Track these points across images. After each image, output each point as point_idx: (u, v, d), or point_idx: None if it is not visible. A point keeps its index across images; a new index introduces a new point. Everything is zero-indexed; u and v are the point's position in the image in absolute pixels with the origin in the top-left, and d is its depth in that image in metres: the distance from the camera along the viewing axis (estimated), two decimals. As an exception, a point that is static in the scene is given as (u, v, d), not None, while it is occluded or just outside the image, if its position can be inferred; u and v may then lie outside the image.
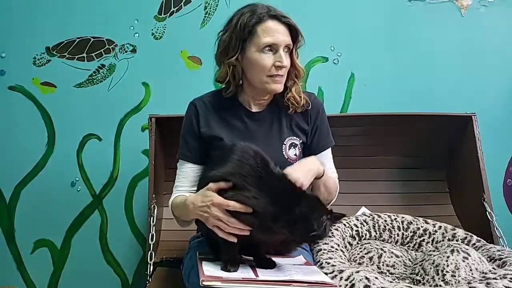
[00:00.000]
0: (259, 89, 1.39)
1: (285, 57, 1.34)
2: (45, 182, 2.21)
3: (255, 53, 1.34)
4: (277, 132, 1.44)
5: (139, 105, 2.22)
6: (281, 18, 1.34)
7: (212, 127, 1.41)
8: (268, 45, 1.33)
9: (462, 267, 1.30)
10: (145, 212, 1.99)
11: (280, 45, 1.33)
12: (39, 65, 2.20)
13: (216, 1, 2.22)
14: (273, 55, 1.33)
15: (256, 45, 1.33)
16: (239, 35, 1.34)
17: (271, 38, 1.32)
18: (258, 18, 1.33)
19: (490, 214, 1.79)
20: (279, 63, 1.33)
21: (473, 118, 1.93)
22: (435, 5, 2.26)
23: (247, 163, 1.17)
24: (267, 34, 1.32)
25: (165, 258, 1.81)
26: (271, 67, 1.33)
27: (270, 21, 1.33)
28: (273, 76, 1.35)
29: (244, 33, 1.34)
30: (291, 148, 1.44)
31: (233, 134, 1.40)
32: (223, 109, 1.45)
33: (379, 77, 2.25)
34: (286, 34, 1.34)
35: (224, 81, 1.43)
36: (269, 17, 1.34)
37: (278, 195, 1.12)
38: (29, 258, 2.23)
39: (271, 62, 1.33)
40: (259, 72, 1.35)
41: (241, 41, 1.35)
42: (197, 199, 1.21)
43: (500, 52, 2.26)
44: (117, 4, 2.21)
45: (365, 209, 1.98)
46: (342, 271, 1.30)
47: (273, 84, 1.36)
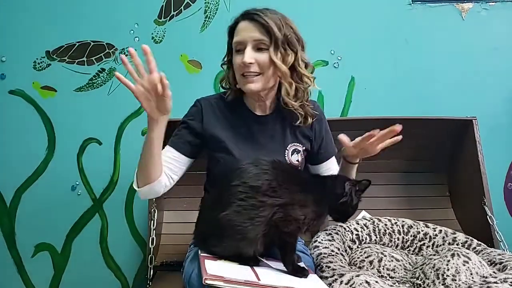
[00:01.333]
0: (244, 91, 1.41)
1: (252, 54, 1.33)
2: (45, 186, 2.21)
3: (233, 55, 1.39)
4: (280, 137, 1.45)
5: (139, 109, 2.22)
6: (250, 16, 1.35)
7: (215, 127, 1.42)
8: (236, 45, 1.36)
9: (463, 271, 1.29)
10: (145, 216, 1.99)
11: (246, 42, 1.34)
12: (39, 69, 2.20)
13: (216, 5, 2.23)
14: (242, 54, 1.34)
15: (233, 47, 1.38)
16: (228, 41, 1.43)
17: (237, 37, 1.36)
18: (234, 22, 1.39)
19: (490, 218, 1.79)
20: (241, 61, 1.33)
21: (474, 122, 1.93)
22: (436, 9, 2.26)
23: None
24: (236, 34, 1.37)
25: (165, 261, 1.81)
26: (239, 65, 1.35)
27: (241, 22, 1.37)
28: (244, 75, 1.35)
29: (229, 39, 1.41)
30: (293, 153, 1.44)
31: (236, 137, 1.41)
32: (228, 111, 1.46)
33: (379, 80, 2.25)
34: (254, 30, 1.33)
35: (222, 83, 1.49)
36: (242, 18, 1.37)
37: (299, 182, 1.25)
38: (30, 262, 2.23)
39: (240, 61, 1.34)
40: (236, 73, 1.39)
41: (229, 47, 1.43)
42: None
43: (501, 56, 2.26)
44: (117, 8, 2.22)
45: (366, 213, 1.97)
46: (342, 275, 1.29)
47: (246, 84, 1.36)
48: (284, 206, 1.18)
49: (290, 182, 1.22)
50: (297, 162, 1.44)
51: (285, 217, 1.18)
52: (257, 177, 1.19)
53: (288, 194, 1.19)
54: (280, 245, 1.23)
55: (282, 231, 1.19)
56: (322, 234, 1.61)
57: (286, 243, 1.22)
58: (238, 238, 1.19)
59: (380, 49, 2.25)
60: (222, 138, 1.41)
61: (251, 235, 1.18)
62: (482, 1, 2.26)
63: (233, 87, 1.45)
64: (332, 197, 1.27)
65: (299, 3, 2.21)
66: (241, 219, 1.17)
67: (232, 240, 1.19)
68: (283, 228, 1.18)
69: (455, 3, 2.26)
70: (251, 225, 1.17)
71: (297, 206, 1.19)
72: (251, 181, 1.18)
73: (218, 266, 1.17)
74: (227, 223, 1.18)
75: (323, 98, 2.23)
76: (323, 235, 1.60)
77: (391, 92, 2.25)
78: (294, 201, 1.19)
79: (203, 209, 1.35)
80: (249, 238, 1.18)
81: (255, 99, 1.45)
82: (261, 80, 1.36)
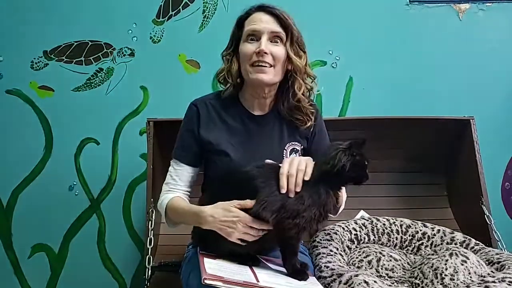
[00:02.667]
0: (248, 82, 1.40)
1: (268, 45, 1.33)
2: (42, 186, 2.20)
3: (242, 44, 1.37)
4: (278, 137, 1.44)
5: (137, 108, 2.22)
6: (266, 9, 1.35)
7: (211, 130, 1.41)
8: (250, 34, 1.35)
9: (461, 271, 1.29)
10: (143, 216, 1.99)
11: (262, 32, 1.33)
12: (37, 68, 2.20)
13: (214, 5, 2.22)
14: (256, 43, 1.34)
15: (243, 37, 1.37)
16: (234, 32, 1.41)
17: (252, 25, 1.34)
18: (247, 13, 1.38)
19: (488, 217, 1.79)
20: (258, 49, 1.32)
21: (471, 122, 1.93)
22: (433, 9, 2.27)
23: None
24: (250, 23, 1.35)
25: (163, 262, 1.80)
26: (252, 54, 1.33)
27: (256, 13, 1.37)
28: (255, 65, 1.33)
29: (237, 29, 1.39)
30: (292, 153, 1.44)
31: (233, 138, 1.40)
32: (225, 110, 1.45)
33: (377, 80, 2.25)
34: (271, 22, 1.34)
35: (219, 77, 1.45)
36: (256, 9, 1.37)
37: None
38: (27, 263, 2.23)
39: (253, 50, 1.33)
40: (244, 63, 1.37)
41: (235, 38, 1.40)
42: (218, 213, 1.20)
43: (498, 56, 2.27)
44: (115, 8, 2.21)
45: (364, 213, 1.97)
46: (341, 274, 1.29)
47: (255, 74, 1.34)
48: (285, 211, 1.16)
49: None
50: None
51: (288, 223, 1.16)
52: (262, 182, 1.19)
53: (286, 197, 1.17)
54: (282, 247, 1.23)
55: (284, 235, 1.18)
56: (320, 234, 1.60)
57: (288, 246, 1.21)
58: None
59: (378, 49, 2.26)
60: (218, 140, 1.40)
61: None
62: (479, 2, 2.27)
63: (234, 81, 1.42)
64: (330, 179, 1.20)
65: (297, 3, 2.20)
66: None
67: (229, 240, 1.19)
68: (286, 233, 1.17)
69: (452, 4, 2.27)
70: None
71: (299, 209, 1.16)
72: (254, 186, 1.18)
73: (217, 265, 1.17)
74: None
75: (321, 98, 2.23)
76: (322, 235, 1.59)
77: (389, 92, 2.25)
78: (295, 204, 1.17)
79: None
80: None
81: (256, 96, 1.42)
82: (272, 72, 1.35)
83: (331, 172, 1.17)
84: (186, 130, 1.44)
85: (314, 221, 1.18)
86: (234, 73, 1.40)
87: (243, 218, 1.16)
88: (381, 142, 2.02)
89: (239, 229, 1.16)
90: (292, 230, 1.16)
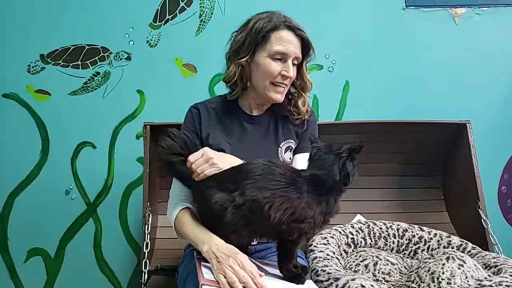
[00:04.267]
0: (261, 95, 1.41)
1: (292, 69, 1.37)
2: (39, 190, 2.19)
3: (265, 59, 1.36)
4: (273, 135, 1.46)
5: (134, 112, 2.21)
6: (295, 30, 1.37)
7: (211, 133, 1.42)
8: (279, 53, 1.35)
9: (458, 275, 1.29)
10: (139, 220, 1.98)
11: (290, 55, 1.35)
12: (34, 72, 2.20)
13: (211, 9, 2.23)
14: (282, 64, 1.36)
15: (267, 51, 1.36)
16: (253, 39, 1.36)
17: (283, 47, 1.34)
18: (273, 25, 1.35)
19: (485, 221, 1.80)
20: (285, 73, 1.35)
21: (468, 126, 1.93)
22: (429, 13, 2.28)
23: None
24: (280, 42, 1.35)
25: (160, 266, 1.79)
26: (278, 75, 1.36)
27: (285, 30, 1.36)
28: (277, 85, 1.37)
29: (258, 37, 1.36)
30: (287, 151, 1.45)
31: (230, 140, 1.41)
32: (223, 113, 1.46)
33: (373, 84, 2.26)
34: (298, 46, 1.37)
35: (230, 81, 1.43)
36: (285, 27, 1.36)
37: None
38: (23, 267, 2.21)
39: (278, 70, 1.35)
40: (264, 78, 1.37)
41: (254, 44, 1.37)
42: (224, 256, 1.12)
43: (493, 60, 2.28)
44: (112, 12, 2.21)
45: (361, 217, 1.97)
46: (337, 278, 1.29)
47: (274, 93, 1.38)
48: (291, 213, 1.14)
49: (286, 186, 1.17)
50: (290, 159, 1.46)
51: (293, 226, 1.15)
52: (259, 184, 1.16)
53: (286, 202, 1.14)
54: (279, 250, 1.22)
55: (286, 238, 1.17)
56: (317, 238, 1.60)
57: (287, 249, 1.20)
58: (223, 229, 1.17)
59: (374, 53, 2.26)
60: (217, 140, 1.41)
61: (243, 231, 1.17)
62: (475, 6, 2.29)
63: (244, 86, 1.44)
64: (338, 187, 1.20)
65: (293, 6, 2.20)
66: (234, 221, 1.15)
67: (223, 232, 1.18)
68: (288, 235, 1.16)
69: (448, 8, 2.28)
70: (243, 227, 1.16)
71: (307, 214, 1.15)
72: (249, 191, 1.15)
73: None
74: (218, 212, 1.16)
75: (317, 101, 2.23)
76: (318, 239, 1.59)
77: (385, 96, 2.25)
78: (294, 208, 1.14)
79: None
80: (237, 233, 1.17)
81: (258, 102, 1.46)
82: (285, 91, 1.41)
83: (338, 181, 1.18)
84: (189, 131, 1.43)
85: (317, 227, 1.18)
86: (246, 79, 1.42)
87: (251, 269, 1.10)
88: (377, 146, 2.03)
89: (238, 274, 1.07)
90: (295, 233, 1.15)
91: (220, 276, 1.08)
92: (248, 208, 1.13)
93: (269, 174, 1.16)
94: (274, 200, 1.13)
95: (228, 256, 1.11)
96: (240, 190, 1.14)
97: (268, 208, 1.12)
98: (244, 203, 1.13)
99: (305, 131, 1.50)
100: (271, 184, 1.15)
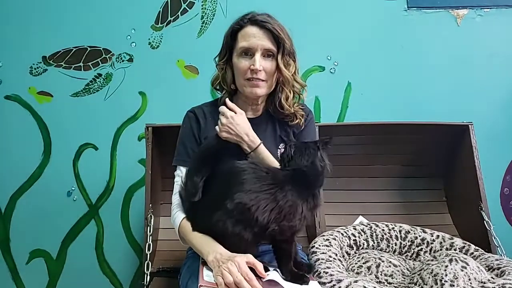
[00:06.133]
0: (243, 94, 1.43)
1: (261, 61, 1.36)
2: (41, 191, 2.20)
3: (235, 58, 1.39)
4: (272, 137, 1.47)
5: (136, 114, 2.22)
6: (259, 23, 1.36)
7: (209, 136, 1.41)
8: (244, 49, 1.37)
9: (461, 277, 1.29)
10: (141, 221, 1.98)
11: (255, 49, 1.36)
12: (36, 74, 2.20)
13: (213, 11, 2.23)
14: (250, 59, 1.36)
15: (236, 50, 1.39)
16: (227, 42, 1.42)
17: (246, 42, 1.36)
18: (239, 24, 1.39)
19: (487, 223, 1.79)
20: (252, 66, 1.35)
21: (470, 127, 1.93)
22: (431, 15, 2.28)
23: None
24: (244, 38, 1.37)
25: (162, 268, 1.79)
26: (247, 70, 1.37)
27: (249, 26, 1.37)
28: (250, 79, 1.37)
29: (230, 39, 1.41)
30: None
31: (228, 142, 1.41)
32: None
33: (375, 86, 2.25)
34: (264, 38, 1.36)
35: (215, 84, 1.49)
36: (250, 23, 1.38)
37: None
38: (25, 269, 2.22)
39: (247, 66, 1.36)
40: (238, 76, 1.40)
41: (228, 47, 1.42)
42: (224, 260, 1.13)
43: (495, 62, 2.28)
44: (114, 14, 2.22)
45: (363, 219, 1.97)
46: (340, 280, 1.29)
47: (249, 88, 1.39)
48: (279, 213, 1.16)
49: (271, 188, 1.18)
50: None
51: (282, 225, 1.16)
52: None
53: (271, 203, 1.16)
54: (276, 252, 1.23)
55: (279, 238, 1.18)
56: (319, 240, 1.60)
57: (282, 249, 1.21)
58: (232, 243, 1.18)
59: (376, 55, 2.26)
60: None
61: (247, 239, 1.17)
62: (477, 8, 2.28)
63: (228, 88, 1.46)
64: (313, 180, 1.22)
65: (295, 9, 2.21)
66: (235, 229, 1.16)
67: (228, 245, 1.19)
68: (280, 237, 1.18)
69: (450, 9, 2.28)
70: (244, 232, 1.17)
71: (287, 211, 1.16)
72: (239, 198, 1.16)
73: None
74: (222, 229, 1.17)
75: (319, 103, 2.23)
76: (321, 241, 1.59)
77: (387, 98, 2.25)
78: (280, 208, 1.16)
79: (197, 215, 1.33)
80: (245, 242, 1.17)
81: (249, 103, 1.46)
82: (266, 86, 1.40)
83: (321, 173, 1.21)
84: (187, 135, 1.45)
85: (307, 222, 1.22)
86: (229, 81, 1.44)
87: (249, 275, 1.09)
88: (379, 147, 2.03)
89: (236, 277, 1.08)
90: (287, 232, 1.17)
91: (218, 277, 1.10)
92: (239, 212, 1.15)
93: (255, 177, 1.18)
94: (259, 202, 1.15)
95: (227, 260, 1.12)
96: (230, 196, 1.16)
97: (255, 210, 1.14)
98: (234, 207, 1.15)
99: (302, 130, 1.50)
100: (256, 187, 1.16)
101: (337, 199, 2.01)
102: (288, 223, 1.16)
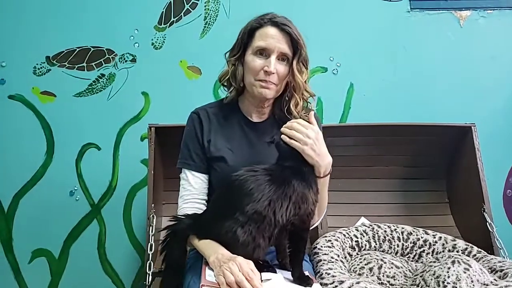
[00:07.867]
0: (251, 93, 1.40)
1: (276, 64, 1.34)
2: (43, 191, 2.20)
3: (249, 56, 1.37)
4: None
5: (139, 114, 2.22)
6: (280, 25, 1.35)
7: (212, 138, 1.42)
8: (260, 49, 1.35)
9: (463, 279, 1.29)
10: (143, 221, 1.99)
11: (272, 50, 1.34)
12: (39, 74, 2.20)
13: (216, 12, 2.23)
14: (265, 60, 1.35)
15: (251, 48, 1.37)
16: (243, 38, 1.39)
17: (263, 42, 1.34)
18: (259, 23, 1.37)
19: (490, 225, 1.79)
20: (266, 68, 1.33)
21: (473, 129, 1.93)
22: (434, 16, 2.28)
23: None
24: (262, 38, 1.35)
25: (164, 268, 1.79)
26: (260, 71, 1.35)
27: (269, 27, 1.36)
28: (261, 80, 1.35)
29: (246, 36, 1.38)
30: None
31: (232, 145, 1.41)
32: (224, 118, 1.46)
33: (378, 87, 2.26)
34: (282, 41, 1.35)
35: (223, 80, 1.46)
36: (270, 23, 1.36)
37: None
38: (27, 268, 2.22)
39: (261, 66, 1.34)
40: (249, 75, 1.38)
41: (243, 43, 1.39)
42: (225, 260, 1.14)
43: (499, 63, 2.28)
44: (117, 14, 2.22)
45: (365, 220, 1.97)
46: (342, 282, 1.29)
47: (260, 89, 1.36)
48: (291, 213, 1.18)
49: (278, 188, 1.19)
50: None
51: (300, 219, 1.21)
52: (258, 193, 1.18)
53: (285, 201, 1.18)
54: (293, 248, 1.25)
55: (301, 229, 1.23)
56: (321, 241, 1.60)
57: (300, 239, 1.25)
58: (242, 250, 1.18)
59: (379, 56, 2.26)
60: (218, 146, 1.41)
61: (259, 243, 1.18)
62: (480, 9, 2.28)
63: (237, 86, 1.43)
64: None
65: (298, 9, 2.22)
66: (248, 238, 1.16)
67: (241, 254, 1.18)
68: (302, 226, 1.23)
69: (453, 11, 2.28)
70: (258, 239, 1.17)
71: (300, 201, 1.20)
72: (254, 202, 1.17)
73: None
74: (232, 239, 1.17)
75: (322, 104, 2.23)
76: (323, 242, 1.59)
77: (390, 99, 2.25)
78: (295, 201, 1.19)
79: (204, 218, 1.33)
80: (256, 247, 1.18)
81: (255, 104, 1.44)
82: (275, 89, 1.38)
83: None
84: (190, 138, 1.44)
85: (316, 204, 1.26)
86: (239, 78, 1.41)
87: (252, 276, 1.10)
88: (382, 148, 2.03)
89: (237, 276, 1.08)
90: (307, 220, 1.23)
91: (220, 276, 1.10)
92: (254, 222, 1.15)
93: (260, 183, 1.18)
94: (274, 206, 1.16)
95: (228, 260, 1.13)
96: (240, 209, 1.16)
97: (272, 214, 1.16)
98: (248, 219, 1.15)
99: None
100: (266, 192, 1.17)
101: (339, 200, 2.01)
102: (305, 212, 1.20)
